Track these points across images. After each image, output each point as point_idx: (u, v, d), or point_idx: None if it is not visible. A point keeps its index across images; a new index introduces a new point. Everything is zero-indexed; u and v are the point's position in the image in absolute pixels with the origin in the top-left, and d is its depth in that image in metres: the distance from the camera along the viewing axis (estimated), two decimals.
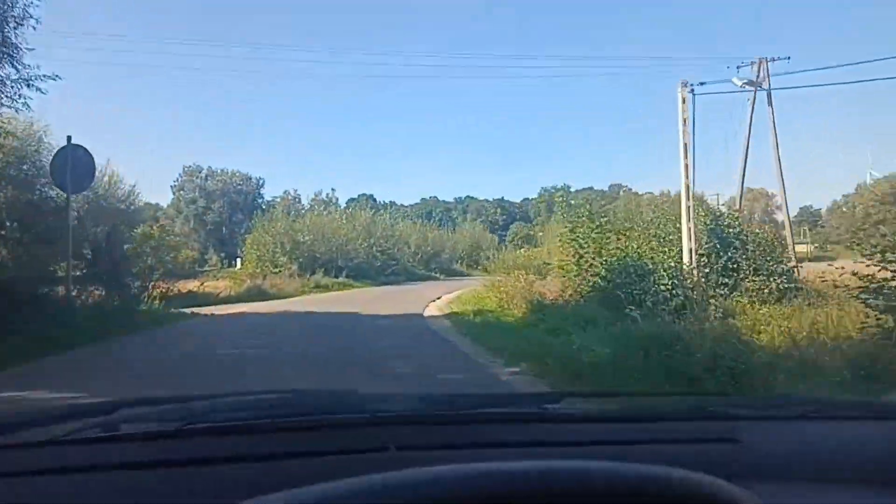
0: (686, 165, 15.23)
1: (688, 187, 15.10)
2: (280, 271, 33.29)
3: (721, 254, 14.63)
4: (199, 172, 63.52)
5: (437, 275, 48.76)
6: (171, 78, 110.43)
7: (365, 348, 10.39)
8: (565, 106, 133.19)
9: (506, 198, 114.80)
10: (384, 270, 40.80)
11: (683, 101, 15.51)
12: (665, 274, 13.11)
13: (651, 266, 13.25)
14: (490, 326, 13.00)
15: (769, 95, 22.99)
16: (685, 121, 15.48)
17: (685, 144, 15.35)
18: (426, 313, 18.11)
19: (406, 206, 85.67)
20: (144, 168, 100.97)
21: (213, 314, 17.09)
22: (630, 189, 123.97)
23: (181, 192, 63.22)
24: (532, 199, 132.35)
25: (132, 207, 26.57)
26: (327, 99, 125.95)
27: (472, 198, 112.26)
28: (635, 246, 14.54)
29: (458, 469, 0.70)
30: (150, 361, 9.23)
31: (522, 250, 28.40)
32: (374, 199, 71.54)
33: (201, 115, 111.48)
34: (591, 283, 14.19)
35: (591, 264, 14.50)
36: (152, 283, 22.42)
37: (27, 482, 1.01)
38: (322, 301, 24.15)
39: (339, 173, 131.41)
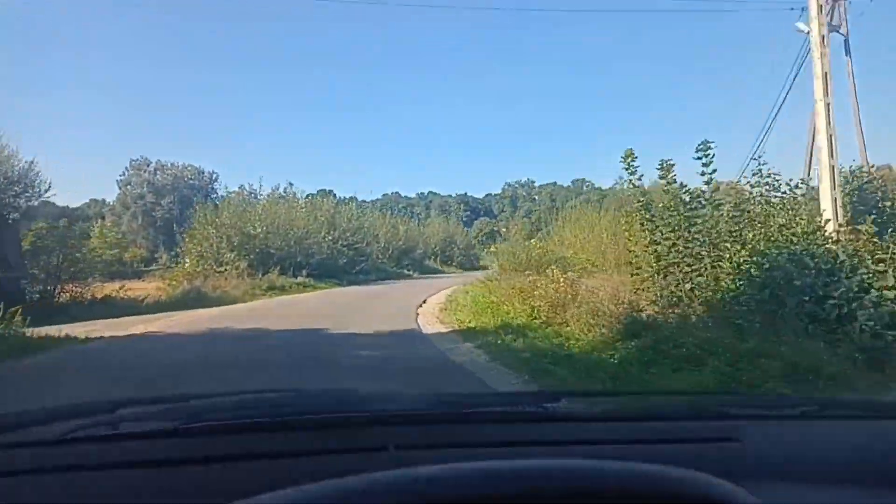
0: (827, 106, 9.82)
1: (830, 139, 9.70)
2: (226, 270, 27.15)
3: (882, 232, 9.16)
4: (147, 166, 57.84)
5: (410, 272, 43.14)
6: (121, 68, 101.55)
7: None
8: (528, 101, 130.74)
9: (469, 193, 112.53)
10: (351, 268, 34.94)
11: (821, 10, 10.14)
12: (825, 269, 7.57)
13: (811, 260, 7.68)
14: (566, 363, 7.36)
15: (847, 43, 17.51)
16: (823, 39, 10.09)
17: (825, 74, 9.92)
18: (425, 328, 12.71)
19: (367, 203, 79.51)
20: (87, 161, 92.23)
21: (103, 336, 11.15)
22: (593, 184, 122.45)
23: (128, 186, 58.13)
24: (496, 194, 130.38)
25: (30, 196, 20.42)
26: (286, 92, 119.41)
27: (435, 193, 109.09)
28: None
29: (456, 469, 0.70)
30: None
31: (533, 241, 22.70)
32: (335, 195, 65.56)
33: (151, 107, 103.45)
34: (711, 288, 8.53)
35: (722, 260, 8.82)
36: (59, 287, 18.36)
37: (28, 481, 0.99)
38: (276, 309, 18.40)
39: (298, 169, 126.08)
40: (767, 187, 10.39)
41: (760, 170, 10.45)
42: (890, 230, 8.92)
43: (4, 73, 68.67)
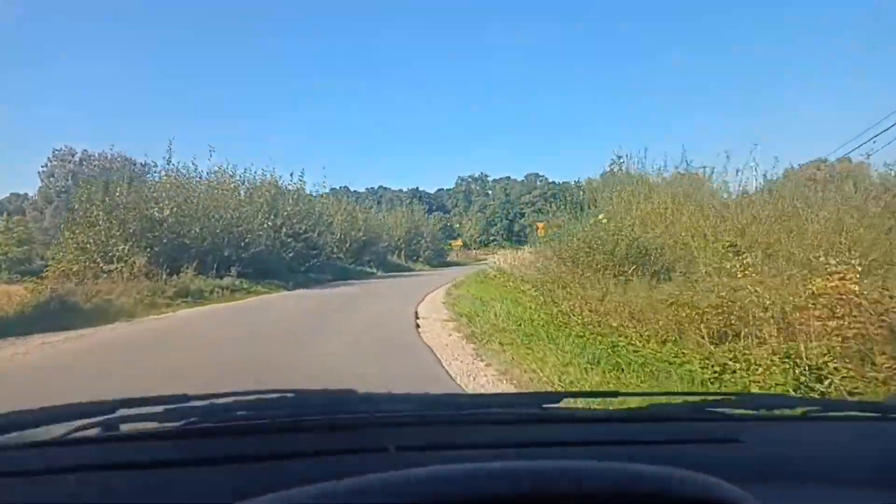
0: None
1: None
2: (116, 269, 18.37)
3: None
4: (72, 157, 49.88)
5: (373, 269, 34.83)
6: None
7: None
8: (481, 95, 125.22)
9: (421, 188, 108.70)
10: (300, 265, 26.49)
11: None
12: None
13: None
14: None
15: None
16: None
17: None
18: None
19: (315, 198, 70.95)
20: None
21: None
22: (547, 179, 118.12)
23: (51, 179, 50.73)
24: (448, 189, 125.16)
25: None
26: (228, 82, 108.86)
27: (386, 188, 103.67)
28: None
29: (453, 469, 0.70)
30: None
31: (602, 217, 14.52)
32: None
33: (77, 93, 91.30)
34: None
35: None
36: None
37: (28, 482, 0.98)
38: (161, 349, 9.94)
39: (241, 160, 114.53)
40: None
41: None
42: None
43: None
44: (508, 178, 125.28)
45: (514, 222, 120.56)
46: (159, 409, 1.18)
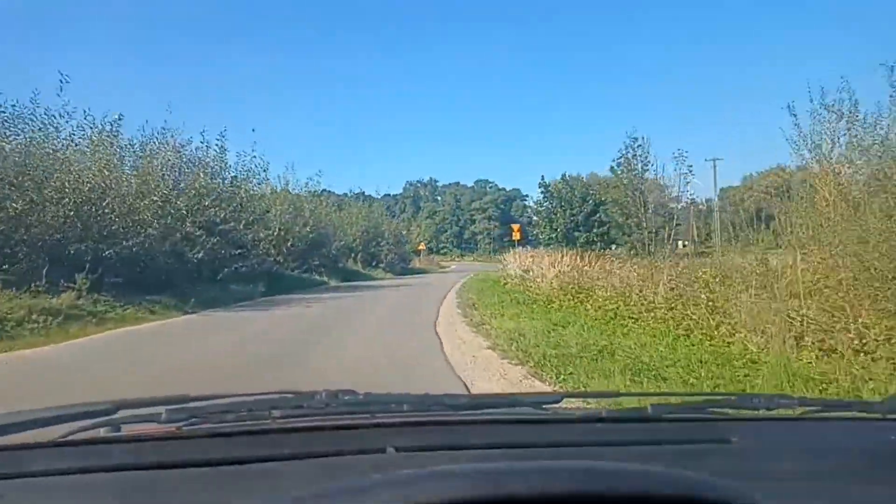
0: None
1: None
2: None
3: None
4: None
5: (322, 276, 25.52)
6: None
7: None
8: (430, 100, 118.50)
9: (367, 192, 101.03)
10: (215, 271, 16.94)
11: None
12: None
13: None
14: None
15: None
16: None
17: None
18: None
19: (243, 175, 61.46)
20: None
21: None
22: (497, 185, 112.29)
23: None
24: (396, 194, 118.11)
25: None
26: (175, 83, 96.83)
27: (330, 191, 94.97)
28: None
29: (451, 470, 0.70)
30: None
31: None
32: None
33: None
34: None
35: None
36: None
37: (28, 484, 0.97)
38: None
39: None
40: None
41: None
42: None
43: None
44: (458, 183, 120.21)
45: (465, 229, 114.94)
46: (160, 409, 1.15)
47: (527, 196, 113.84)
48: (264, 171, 20.98)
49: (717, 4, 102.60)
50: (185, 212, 16.60)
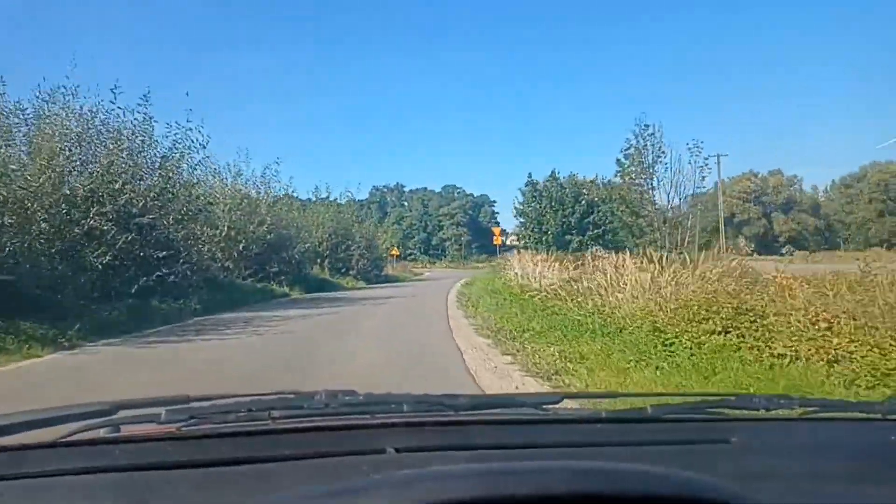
0: None
1: None
2: None
3: None
4: None
5: (283, 286, 20.76)
6: None
7: None
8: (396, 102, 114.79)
9: (332, 197, 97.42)
10: (130, 280, 12.03)
11: None
12: None
13: None
14: None
15: None
16: None
17: None
18: None
19: (184, 153, 56.25)
20: None
21: None
22: (464, 191, 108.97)
23: None
24: (361, 200, 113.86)
25: None
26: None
27: (294, 196, 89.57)
28: None
29: (451, 471, 0.71)
30: None
31: None
32: None
33: None
34: None
35: None
36: None
37: (28, 484, 0.96)
38: None
39: None
40: None
41: None
42: None
43: None
44: (426, 189, 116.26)
45: (433, 235, 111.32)
46: (160, 410, 1.15)
47: (495, 202, 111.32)
48: (203, 146, 15.41)
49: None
50: (87, 196, 11.74)
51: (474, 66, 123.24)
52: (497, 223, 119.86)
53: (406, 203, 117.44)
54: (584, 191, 34.49)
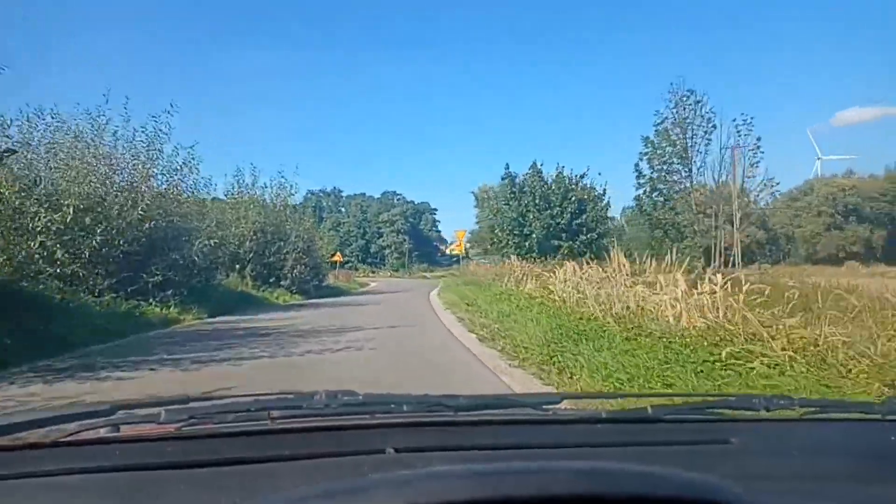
0: None
1: None
2: None
3: None
4: None
5: (170, 308, 12.70)
6: None
7: None
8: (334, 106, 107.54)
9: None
10: None
11: None
12: None
13: None
14: None
15: None
16: None
17: None
18: None
19: None
20: None
21: None
22: (405, 197, 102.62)
23: None
24: (296, 205, 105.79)
25: None
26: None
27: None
28: None
29: (451, 471, 0.69)
30: None
31: None
32: None
33: None
34: None
35: None
36: None
37: (27, 484, 0.94)
38: None
39: None
40: None
41: None
42: None
43: None
44: (364, 194, 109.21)
45: (372, 242, 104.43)
46: (159, 410, 1.14)
47: (436, 210, 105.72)
48: None
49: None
50: None
51: (412, 72, 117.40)
52: (438, 231, 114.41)
53: (344, 209, 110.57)
54: (574, 187, 27.96)
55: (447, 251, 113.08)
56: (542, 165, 28.70)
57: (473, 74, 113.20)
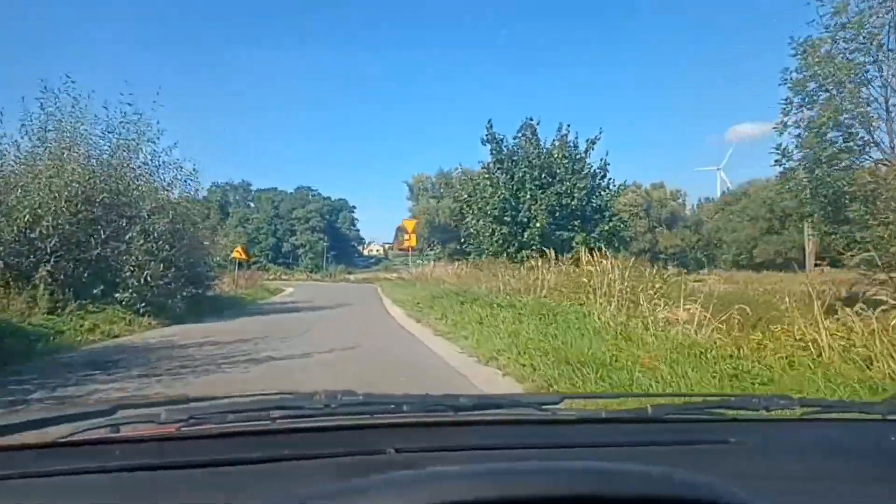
0: None
1: None
2: None
3: None
4: None
5: None
6: None
7: None
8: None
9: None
10: None
11: None
12: None
13: None
14: None
15: None
16: None
17: None
18: None
19: None
20: None
21: None
22: (321, 193, 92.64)
23: None
24: (199, 199, 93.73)
25: None
26: None
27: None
28: None
29: (451, 471, 0.68)
30: None
31: None
32: None
33: None
34: None
35: None
36: None
37: (28, 484, 0.93)
38: None
39: None
40: None
41: None
42: None
43: None
44: (276, 189, 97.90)
45: (284, 241, 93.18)
46: (160, 410, 1.11)
47: (355, 207, 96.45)
48: None
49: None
50: None
51: (329, 65, 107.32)
52: (357, 230, 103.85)
53: (253, 203, 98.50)
54: (583, 157, 19.24)
55: (366, 251, 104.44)
56: (538, 125, 19.73)
57: (388, 65, 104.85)
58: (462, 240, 22.47)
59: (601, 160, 19.36)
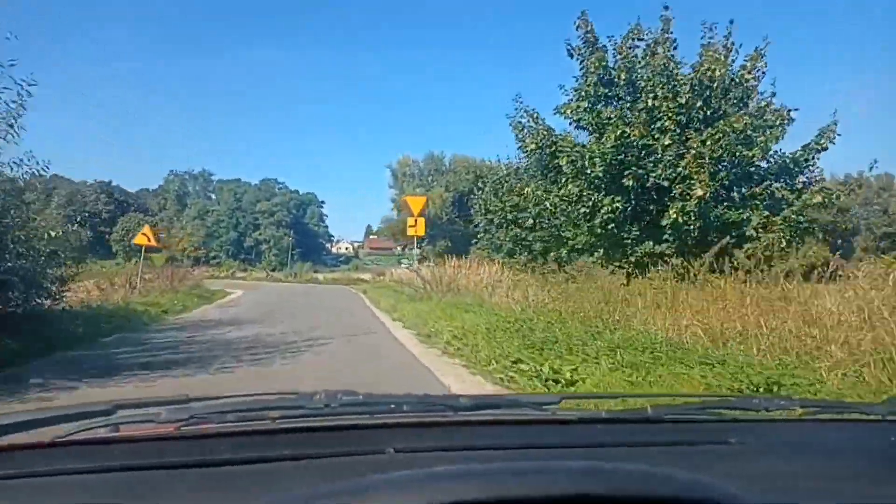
0: None
1: None
2: None
3: None
4: None
5: None
6: None
7: None
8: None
9: (116, 183, 79.78)
10: None
11: None
12: None
13: None
14: None
15: None
16: None
17: None
18: None
19: None
20: None
21: None
22: (287, 186, 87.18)
23: None
24: (154, 189, 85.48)
25: None
26: None
27: (63, 178, 63.63)
28: None
29: (451, 471, 0.68)
30: None
31: None
32: None
33: None
34: None
35: None
36: None
37: (27, 484, 0.92)
38: None
39: None
40: None
41: None
42: None
43: None
44: (239, 180, 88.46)
45: (246, 235, 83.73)
46: (159, 410, 1.10)
47: (324, 202, 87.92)
48: None
49: None
50: None
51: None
52: (326, 226, 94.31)
53: (214, 195, 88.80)
54: (750, 78, 10.68)
55: (335, 249, 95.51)
56: (671, 18, 11.19)
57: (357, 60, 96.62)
58: (508, 227, 13.72)
59: (770, 91, 10.96)
